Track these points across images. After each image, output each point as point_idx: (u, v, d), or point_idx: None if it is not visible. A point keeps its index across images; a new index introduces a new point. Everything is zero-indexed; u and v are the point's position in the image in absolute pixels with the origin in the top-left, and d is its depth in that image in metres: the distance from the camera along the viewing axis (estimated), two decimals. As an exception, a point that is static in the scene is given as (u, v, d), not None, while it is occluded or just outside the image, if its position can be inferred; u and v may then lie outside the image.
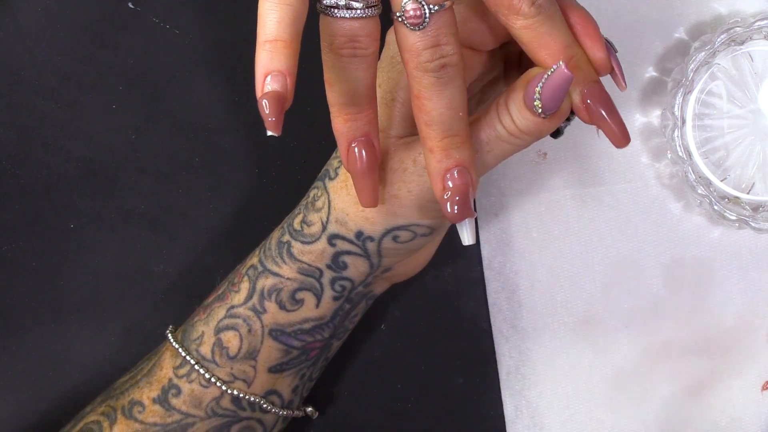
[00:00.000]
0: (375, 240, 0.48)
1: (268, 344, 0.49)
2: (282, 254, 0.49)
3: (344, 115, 0.43)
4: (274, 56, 0.37)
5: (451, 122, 0.42)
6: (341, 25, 0.39)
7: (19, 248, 0.58)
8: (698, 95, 0.55)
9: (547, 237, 0.58)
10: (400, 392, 0.58)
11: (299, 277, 0.49)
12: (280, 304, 0.49)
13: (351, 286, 0.50)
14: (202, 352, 0.50)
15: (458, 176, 0.42)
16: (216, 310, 0.50)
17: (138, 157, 0.59)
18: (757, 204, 0.55)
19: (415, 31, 0.40)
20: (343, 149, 0.44)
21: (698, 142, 0.55)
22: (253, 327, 0.49)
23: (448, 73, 0.41)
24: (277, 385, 0.51)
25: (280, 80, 0.37)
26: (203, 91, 0.59)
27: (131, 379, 0.51)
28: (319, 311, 0.50)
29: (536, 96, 0.42)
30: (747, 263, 0.57)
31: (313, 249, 0.49)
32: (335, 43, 0.40)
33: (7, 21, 0.59)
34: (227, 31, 0.59)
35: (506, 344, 0.58)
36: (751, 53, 0.55)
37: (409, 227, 0.47)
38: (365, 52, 0.40)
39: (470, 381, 0.58)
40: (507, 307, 0.58)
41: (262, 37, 0.38)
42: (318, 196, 0.49)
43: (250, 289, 0.50)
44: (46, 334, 0.58)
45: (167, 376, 0.50)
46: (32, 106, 0.59)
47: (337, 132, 0.44)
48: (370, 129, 0.43)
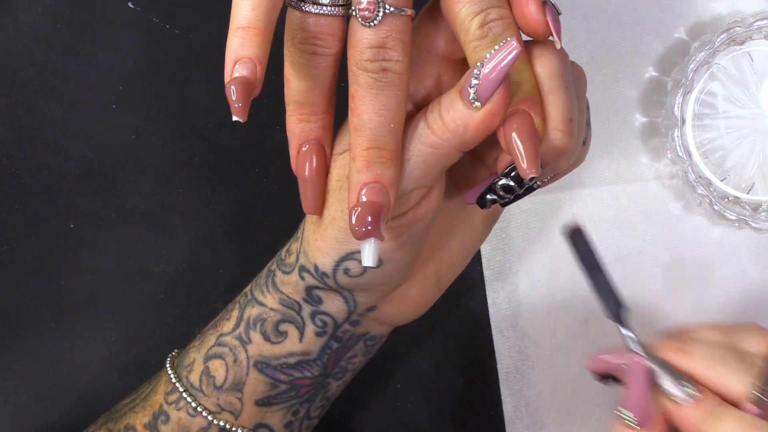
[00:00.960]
0: (330, 276, 0.44)
1: (254, 376, 0.47)
2: (267, 283, 0.48)
3: (298, 115, 0.42)
4: (245, 43, 0.37)
5: (379, 131, 0.39)
6: (306, 21, 0.39)
7: (19, 248, 0.58)
8: (698, 95, 0.55)
9: (547, 237, 0.58)
10: (400, 392, 0.58)
11: (281, 308, 0.47)
12: (265, 335, 0.47)
13: (333, 323, 0.47)
14: (191, 379, 0.48)
15: (375, 193, 0.40)
16: (208, 337, 0.49)
17: (138, 157, 0.59)
18: (757, 204, 0.55)
19: (365, 27, 0.38)
20: (293, 150, 0.43)
21: (698, 142, 0.55)
22: (238, 357, 0.47)
23: (387, 77, 0.39)
24: (266, 419, 0.49)
25: (249, 67, 0.37)
26: (203, 91, 0.59)
27: (131, 402, 0.51)
28: (303, 346, 0.47)
29: (473, 80, 0.38)
30: (747, 263, 0.57)
31: (290, 280, 0.46)
32: (298, 37, 0.39)
33: (7, 21, 0.59)
34: (227, 31, 0.59)
35: (506, 344, 0.58)
36: (751, 53, 0.55)
37: (353, 256, 0.43)
38: (327, 51, 0.40)
39: (470, 381, 0.58)
40: (507, 307, 0.58)
41: (234, 24, 0.37)
42: (302, 224, 0.47)
43: (239, 317, 0.48)
44: (46, 334, 0.58)
45: (159, 401, 0.49)
46: (32, 106, 0.59)
47: (289, 132, 0.43)
48: (323, 134, 0.42)
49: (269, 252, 0.59)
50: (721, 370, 0.42)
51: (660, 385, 0.42)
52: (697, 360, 0.43)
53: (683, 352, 0.43)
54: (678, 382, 0.42)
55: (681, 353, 0.43)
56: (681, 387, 0.42)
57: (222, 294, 0.58)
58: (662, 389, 0.42)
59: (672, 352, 0.43)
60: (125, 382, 0.58)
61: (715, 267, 0.57)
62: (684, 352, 0.43)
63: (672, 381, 0.42)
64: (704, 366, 0.42)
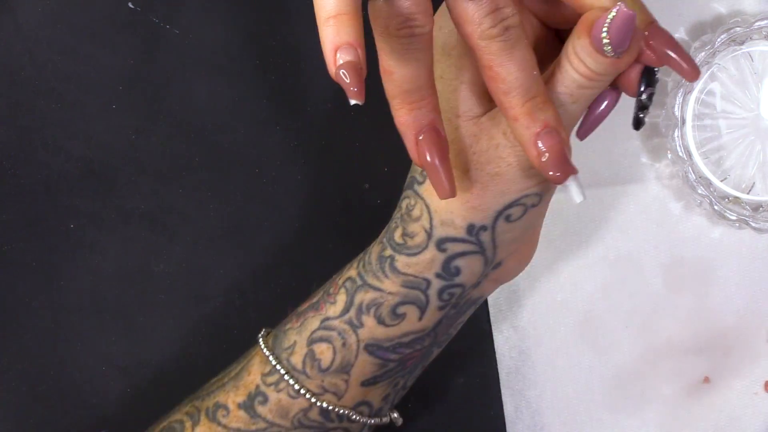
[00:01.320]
0: (488, 227, 0.46)
1: (363, 358, 0.48)
2: (384, 269, 0.47)
3: (408, 105, 0.41)
4: (340, 29, 0.36)
5: (528, 84, 0.41)
6: (394, 6, 0.38)
7: (19, 248, 0.58)
8: (698, 95, 0.55)
9: (547, 237, 0.58)
10: (400, 392, 0.58)
11: (403, 290, 0.47)
12: (379, 319, 0.47)
13: (461, 292, 0.48)
14: (293, 362, 0.48)
15: (549, 137, 0.41)
16: (310, 319, 0.48)
17: (138, 157, 0.59)
18: (757, 204, 0.55)
19: (471, 2, 0.39)
20: (412, 143, 0.42)
21: (698, 142, 0.55)
22: (348, 341, 0.47)
23: (512, 34, 0.40)
24: (368, 396, 0.49)
25: (351, 52, 0.36)
26: (203, 91, 0.59)
27: (218, 381, 0.50)
28: (422, 323, 0.48)
29: (604, 40, 0.41)
30: (747, 263, 0.57)
31: (421, 259, 0.47)
32: (391, 25, 0.39)
33: (7, 21, 0.59)
34: (227, 31, 0.59)
35: (506, 344, 0.58)
36: (751, 53, 0.55)
37: (519, 201, 0.46)
38: (423, 30, 0.39)
39: (470, 381, 0.58)
40: (507, 307, 0.58)
41: (323, 14, 0.37)
42: (413, 206, 0.47)
43: (347, 302, 0.48)
44: (46, 334, 0.58)
45: (255, 382, 0.49)
46: (32, 106, 0.59)
47: (402, 125, 0.42)
48: (435, 116, 0.42)
49: (269, 252, 0.59)
50: None
51: None
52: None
53: None
54: None
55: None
56: None
57: (222, 294, 0.58)
58: None
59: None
60: (125, 382, 0.58)
61: (715, 267, 0.57)
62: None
63: None
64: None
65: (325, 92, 0.42)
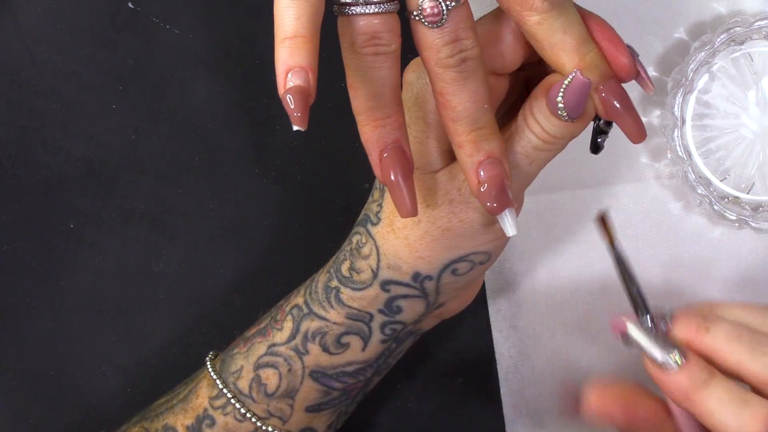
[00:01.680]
0: (434, 278, 0.47)
1: (308, 385, 0.49)
2: (330, 299, 0.48)
3: (372, 122, 0.41)
4: (294, 52, 0.37)
5: (477, 115, 0.41)
6: (361, 23, 0.39)
7: (19, 248, 0.58)
8: (698, 95, 0.54)
9: (547, 237, 0.58)
10: (400, 392, 0.58)
11: (347, 321, 0.48)
12: (324, 347, 0.48)
13: (402, 328, 0.49)
14: (240, 386, 0.49)
15: (491, 167, 0.42)
16: (257, 345, 0.49)
17: (138, 157, 0.59)
18: (757, 204, 0.55)
19: (433, 29, 0.39)
20: (375, 159, 0.42)
21: (698, 142, 0.55)
22: (293, 367, 0.48)
23: (469, 66, 0.40)
24: (313, 423, 0.50)
25: (302, 76, 0.37)
26: (203, 91, 0.59)
27: (167, 402, 0.51)
28: (366, 354, 0.49)
29: (559, 104, 0.42)
30: (747, 263, 0.57)
31: (365, 295, 0.48)
32: (357, 42, 0.39)
33: (7, 21, 0.59)
34: (227, 31, 0.59)
35: (506, 344, 0.58)
36: (751, 53, 0.55)
37: (467, 257, 0.47)
38: (388, 48, 0.39)
39: (470, 381, 0.58)
40: (507, 307, 0.58)
41: (281, 34, 0.37)
42: (362, 243, 0.48)
43: (294, 329, 0.49)
44: (46, 334, 0.58)
45: (203, 405, 0.49)
46: (32, 106, 0.59)
47: (367, 142, 0.42)
48: (400, 134, 0.42)
49: (269, 252, 0.59)
50: (737, 348, 0.42)
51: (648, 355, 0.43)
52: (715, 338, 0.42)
53: (704, 330, 0.43)
54: (665, 349, 0.42)
55: (701, 331, 0.43)
56: (668, 354, 0.42)
57: (222, 294, 0.58)
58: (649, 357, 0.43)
59: (693, 329, 0.43)
60: (125, 382, 0.58)
61: (715, 267, 0.57)
62: (704, 330, 0.43)
63: (659, 349, 0.42)
64: (721, 344, 0.42)
65: (325, 92, 0.42)
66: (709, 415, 0.41)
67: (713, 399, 0.41)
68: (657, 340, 0.42)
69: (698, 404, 0.41)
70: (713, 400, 0.41)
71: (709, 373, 0.41)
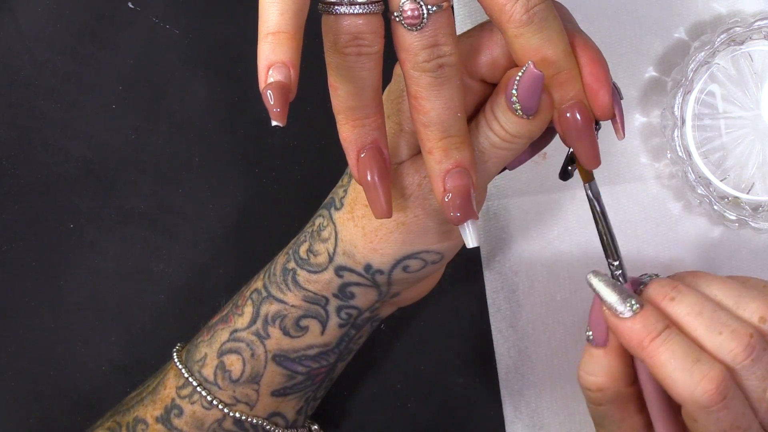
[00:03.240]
0: (384, 273, 0.47)
1: (272, 369, 0.49)
2: (287, 281, 0.49)
3: (352, 121, 0.42)
4: (277, 48, 0.37)
5: (449, 122, 0.41)
6: (345, 23, 0.39)
7: (19, 248, 0.58)
8: (698, 95, 0.54)
9: (547, 237, 0.58)
10: (400, 392, 0.58)
11: (304, 304, 0.48)
12: (284, 331, 0.49)
13: (357, 313, 0.49)
14: (205, 374, 0.49)
15: (458, 177, 0.42)
16: (219, 332, 0.50)
17: (138, 157, 0.59)
18: (757, 204, 0.55)
19: (412, 32, 0.39)
20: (353, 159, 0.43)
21: (698, 142, 0.55)
22: (256, 351, 0.49)
23: (445, 72, 0.40)
24: (281, 408, 0.50)
25: (283, 71, 0.37)
26: (203, 91, 0.59)
27: (137, 395, 0.51)
28: (324, 338, 0.49)
29: (513, 98, 0.42)
30: (747, 263, 0.57)
31: (320, 278, 0.48)
32: (339, 42, 0.39)
33: (7, 21, 0.59)
34: (227, 31, 0.59)
35: (506, 344, 0.58)
36: (751, 53, 0.55)
37: (419, 255, 0.47)
38: (370, 49, 0.40)
39: (470, 381, 0.58)
40: (506, 307, 0.58)
41: (264, 29, 0.37)
42: (324, 226, 0.48)
43: (254, 313, 0.49)
44: (46, 334, 0.58)
45: (170, 395, 0.50)
46: (32, 106, 0.59)
47: (345, 141, 0.42)
48: (378, 135, 0.42)
49: (269, 252, 0.59)
50: (695, 322, 0.41)
51: (605, 302, 0.42)
52: (678, 309, 0.42)
53: (669, 298, 0.42)
54: (623, 298, 0.42)
55: (666, 299, 0.42)
56: (624, 302, 0.41)
57: (222, 294, 0.58)
58: (606, 305, 0.42)
59: (660, 296, 0.43)
60: (125, 382, 0.58)
61: (715, 267, 0.57)
62: (670, 299, 0.42)
63: (617, 297, 0.42)
64: (682, 316, 0.42)
65: (325, 92, 0.42)
66: (660, 366, 0.40)
67: (666, 350, 0.40)
68: (616, 288, 0.42)
69: (650, 353, 0.40)
70: (666, 351, 0.40)
71: (664, 325, 0.41)
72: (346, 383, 0.58)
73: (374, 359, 0.58)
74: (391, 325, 0.58)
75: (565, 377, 0.57)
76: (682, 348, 0.40)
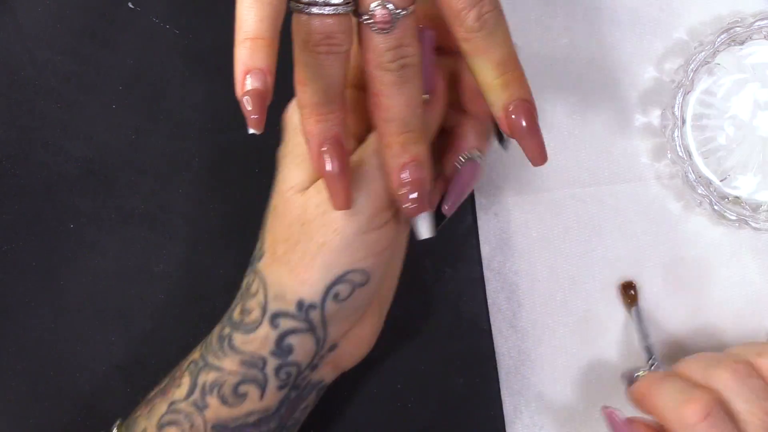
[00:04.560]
0: (317, 306, 0.47)
1: None
2: (223, 347, 0.48)
3: (317, 116, 0.43)
4: (254, 54, 0.37)
5: (409, 119, 0.43)
6: (317, 23, 0.40)
7: (19, 248, 0.58)
8: (698, 95, 0.55)
9: (547, 237, 0.58)
10: (400, 392, 0.58)
11: (242, 369, 0.48)
12: (222, 399, 0.48)
13: (297, 371, 0.49)
14: None
15: (414, 170, 0.44)
16: (158, 404, 0.49)
17: (138, 157, 0.59)
18: (757, 204, 0.55)
19: (380, 34, 0.41)
20: (314, 152, 0.44)
21: (698, 142, 0.55)
22: (195, 423, 0.48)
23: (407, 72, 0.42)
24: None
25: (260, 77, 0.37)
26: (203, 91, 0.59)
27: None
28: (264, 403, 0.49)
29: None
30: (747, 263, 0.57)
31: (256, 336, 0.48)
32: (311, 40, 0.40)
33: (7, 21, 0.59)
34: (227, 31, 0.59)
35: (506, 344, 0.58)
36: (751, 53, 0.55)
37: (345, 277, 0.47)
38: (340, 49, 0.41)
39: (470, 381, 0.58)
40: (506, 307, 0.58)
41: (241, 35, 0.38)
42: (251, 282, 0.49)
43: (191, 384, 0.49)
44: (46, 334, 0.58)
45: None
46: (32, 106, 0.59)
47: (308, 133, 0.44)
48: (340, 130, 0.43)
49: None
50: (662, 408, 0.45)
51: None
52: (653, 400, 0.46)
53: (648, 395, 0.46)
54: None
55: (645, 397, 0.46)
56: None
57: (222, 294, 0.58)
58: None
59: (640, 395, 0.47)
60: (125, 382, 0.58)
61: (715, 267, 0.57)
62: (648, 396, 0.46)
63: None
64: (656, 406, 0.45)
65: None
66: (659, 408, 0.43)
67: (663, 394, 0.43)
68: None
69: (651, 401, 0.43)
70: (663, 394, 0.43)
71: (665, 375, 0.44)
72: (346, 383, 0.58)
73: (374, 359, 0.58)
74: (391, 325, 0.58)
75: (565, 377, 0.57)
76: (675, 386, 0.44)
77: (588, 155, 0.58)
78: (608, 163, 0.58)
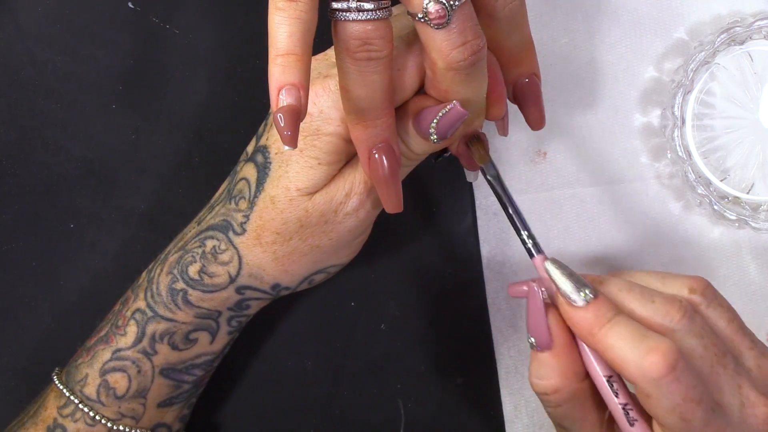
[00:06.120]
0: (291, 288, 0.50)
1: (159, 382, 0.50)
2: (176, 301, 0.49)
3: (364, 122, 0.43)
4: (287, 70, 0.38)
5: (481, 103, 0.44)
6: (354, 29, 0.39)
7: (19, 248, 0.58)
8: (698, 95, 0.54)
9: (547, 236, 0.58)
10: (400, 392, 0.58)
11: (195, 320, 0.50)
12: (173, 345, 0.50)
13: (247, 319, 0.51)
14: (87, 392, 0.50)
15: None
16: (100, 352, 0.50)
17: (138, 157, 0.59)
18: (757, 204, 0.55)
19: (439, 30, 0.40)
20: (364, 157, 0.44)
21: (698, 142, 0.55)
22: (143, 368, 0.50)
23: (480, 65, 0.42)
24: (165, 418, 0.51)
25: (294, 94, 0.37)
26: (203, 91, 0.59)
27: (18, 422, 0.52)
28: (213, 347, 0.51)
29: (432, 129, 0.44)
30: (747, 263, 0.57)
31: (217, 297, 0.49)
32: (350, 47, 0.40)
33: (7, 21, 0.59)
34: (227, 31, 0.59)
35: (505, 344, 0.58)
36: (751, 53, 0.55)
37: (325, 269, 0.50)
38: (380, 54, 0.40)
39: (470, 381, 0.58)
40: (506, 307, 0.58)
41: (273, 51, 0.38)
42: (222, 250, 0.49)
43: (139, 333, 0.50)
44: (46, 334, 0.58)
45: (52, 416, 0.50)
46: (32, 106, 0.59)
47: (356, 140, 0.44)
48: (389, 134, 0.43)
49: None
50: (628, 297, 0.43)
51: (560, 291, 0.43)
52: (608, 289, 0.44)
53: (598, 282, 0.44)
54: (577, 287, 0.43)
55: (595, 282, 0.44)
56: (579, 291, 0.43)
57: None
58: (561, 293, 0.43)
59: (587, 332, 0.44)
60: (125, 382, 0.58)
61: (715, 267, 0.57)
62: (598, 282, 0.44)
63: (572, 286, 0.43)
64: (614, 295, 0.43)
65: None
66: (610, 349, 0.41)
67: (614, 334, 0.41)
68: (571, 277, 0.43)
69: (600, 340, 0.42)
70: (614, 335, 0.41)
71: (614, 312, 0.42)
72: (345, 383, 0.58)
73: (374, 359, 0.58)
74: (391, 325, 0.58)
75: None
76: (629, 329, 0.41)
77: (588, 155, 0.58)
78: (608, 163, 0.58)
